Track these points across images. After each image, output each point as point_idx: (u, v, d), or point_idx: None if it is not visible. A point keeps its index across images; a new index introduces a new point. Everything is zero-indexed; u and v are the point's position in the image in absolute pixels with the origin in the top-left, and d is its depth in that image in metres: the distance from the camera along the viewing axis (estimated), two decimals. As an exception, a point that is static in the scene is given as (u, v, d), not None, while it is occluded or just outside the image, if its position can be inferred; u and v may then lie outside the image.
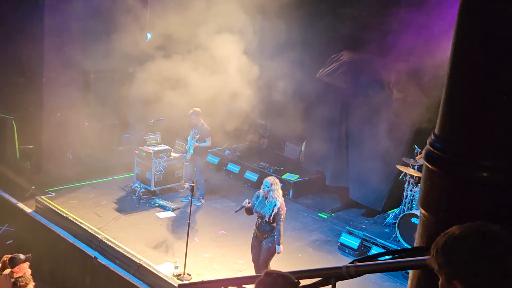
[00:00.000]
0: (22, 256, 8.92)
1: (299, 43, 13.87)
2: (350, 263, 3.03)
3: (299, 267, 10.81)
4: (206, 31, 13.84)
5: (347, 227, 12.24)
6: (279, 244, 9.44)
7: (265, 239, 9.54)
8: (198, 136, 13.13)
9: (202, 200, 13.70)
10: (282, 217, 9.41)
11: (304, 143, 15.41)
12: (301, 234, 12.57)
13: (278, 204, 9.38)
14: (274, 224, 9.41)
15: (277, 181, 9.75)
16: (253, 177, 15.00)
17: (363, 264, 3.03)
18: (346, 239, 11.94)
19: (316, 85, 14.05)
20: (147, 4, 14.84)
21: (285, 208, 9.61)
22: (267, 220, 9.39)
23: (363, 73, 13.04)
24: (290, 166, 15.45)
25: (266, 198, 9.48)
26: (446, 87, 3.01)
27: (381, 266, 2.97)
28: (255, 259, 9.77)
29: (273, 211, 9.34)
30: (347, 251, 11.82)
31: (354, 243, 11.78)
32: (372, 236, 11.68)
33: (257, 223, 9.64)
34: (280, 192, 9.62)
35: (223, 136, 15.45)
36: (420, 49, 11.93)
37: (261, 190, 9.61)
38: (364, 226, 12.23)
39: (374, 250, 11.39)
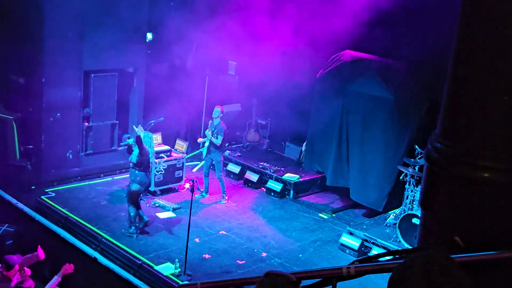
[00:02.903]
0: (20, 257, 8.92)
1: (299, 42, 13.84)
2: (350, 263, 3.02)
3: (299, 268, 10.83)
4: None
5: (347, 228, 12.23)
6: None
7: None
8: (214, 130, 13.47)
9: (225, 197, 13.92)
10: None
11: (304, 143, 15.39)
12: (301, 235, 12.56)
13: None
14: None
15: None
16: (254, 177, 14.98)
17: (363, 264, 3.02)
18: (346, 239, 11.93)
19: (317, 85, 14.03)
20: (148, 4, 14.84)
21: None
22: None
23: (364, 72, 13.02)
24: (291, 166, 15.45)
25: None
26: (448, 86, 2.99)
27: (382, 266, 2.96)
28: None
29: None
30: (347, 251, 11.81)
31: (355, 243, 11.76)
32: (372, 237, 11.66)
33: None
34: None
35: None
36: (421, 47, 11.93)
37: None
38: (364, 227, 12.21)
39: (375, 251, 11.38)
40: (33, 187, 13.50)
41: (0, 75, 13.89)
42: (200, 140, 14.02)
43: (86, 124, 14.54)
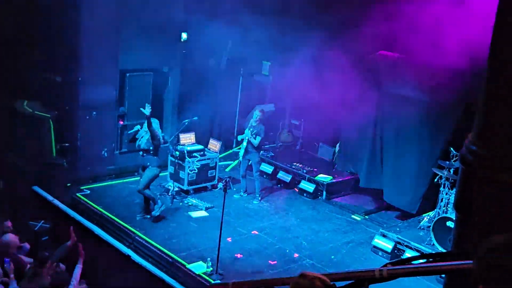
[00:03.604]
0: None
1: (333, 43, 13.78)
2: (383, 266, 3.00)
3: (331, 269, 10.78)
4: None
5: (380, 230, 12.14)
6: None
7: None
8: (253, 131, 13.48)
9: (259, 198, 13.96)
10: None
11: (338, 144, 15.33)
12: (334, 236, 12.51)
13: None
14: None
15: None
16: (287, 177, 14.97)
17: (396, 267, 3.00)
18: (379, 241, 11.84)
19: (351, 85, 13.95)
20: (183, 3, 14.94)
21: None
22: None
23: (399, 74, 12.90)
24: (324, 167, 15.39)
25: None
26: (484, 89, 2.96)
27: (415, 269, 2.93)
28: None
29: None
30: (380, 254, 11.72)
31: (388, 246, 11.67)
32: (406, 239, 11.55)
33: None
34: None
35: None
36: (460, 49, 11.76)
37: None
38: (398, 229, 12.11)
39: (408, 254, 11.27)
40: (68, 184, 13.67)
41: (38, 73, 14.10)
42: (240, 137, 13.90)
43: (121, 122, 14.69)
